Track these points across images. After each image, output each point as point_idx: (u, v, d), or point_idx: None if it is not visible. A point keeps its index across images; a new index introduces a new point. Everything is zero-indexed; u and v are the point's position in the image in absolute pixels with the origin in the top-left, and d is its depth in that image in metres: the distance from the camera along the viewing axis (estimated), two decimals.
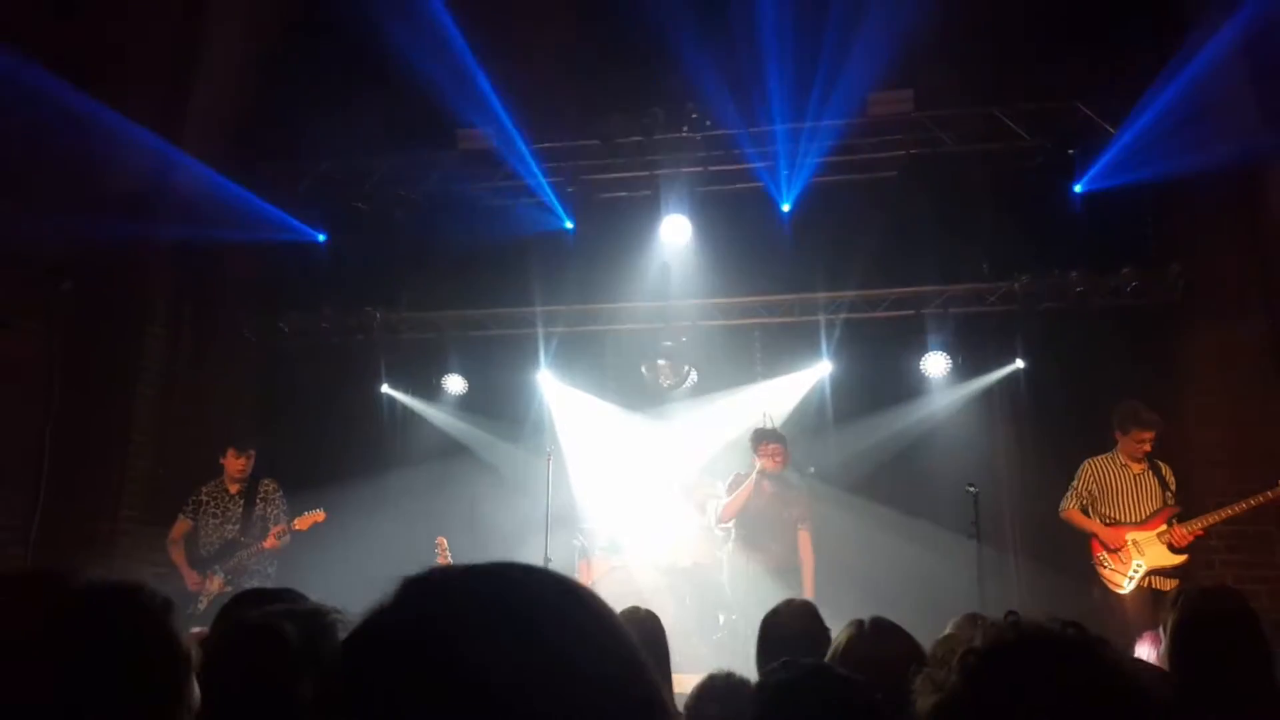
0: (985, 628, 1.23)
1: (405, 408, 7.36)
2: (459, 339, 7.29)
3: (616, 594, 5.93)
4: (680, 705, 2.45)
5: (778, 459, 5.72)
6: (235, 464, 5.75)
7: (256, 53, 7.44)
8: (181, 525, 5.82)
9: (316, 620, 1.68)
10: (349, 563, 6.53)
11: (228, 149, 7.24)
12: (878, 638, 1.93)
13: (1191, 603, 2.17)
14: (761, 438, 5.82)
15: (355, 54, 6.84)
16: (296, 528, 5.56)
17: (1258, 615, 2.14)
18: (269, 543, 5.52)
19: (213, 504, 5.77)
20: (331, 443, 7.02)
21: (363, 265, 7.29)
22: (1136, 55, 6.01)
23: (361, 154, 7.30)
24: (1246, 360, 6.29)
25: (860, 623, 2.03)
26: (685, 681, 2.89)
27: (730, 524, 5.89)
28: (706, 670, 2.97)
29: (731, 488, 5.88)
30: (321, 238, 7.45)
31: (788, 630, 2.58)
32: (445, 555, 5.36)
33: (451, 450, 7.12)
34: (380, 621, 0.65)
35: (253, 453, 5.82)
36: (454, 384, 7.19)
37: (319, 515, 5.61)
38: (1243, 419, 6.21)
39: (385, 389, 7.37)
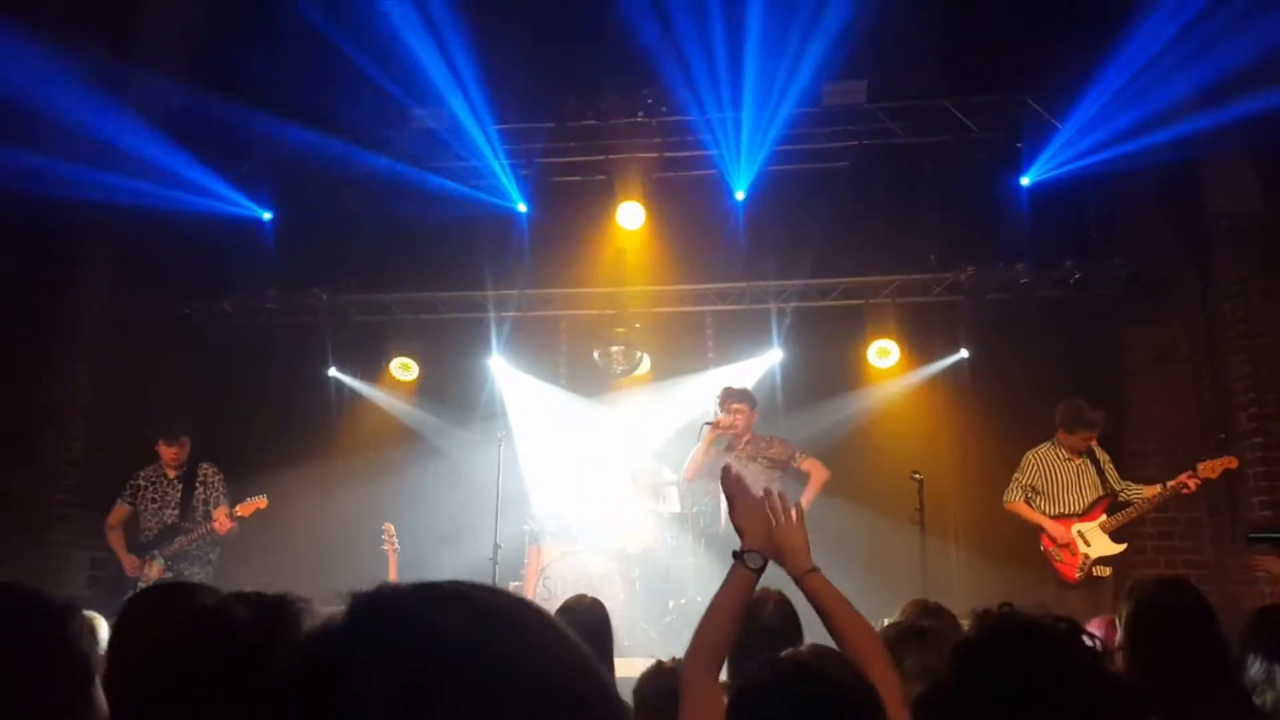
0: (977, 618, 1.25)
1: (353, 392, 7.24)
2: (409, 322, 7.18)
3: (567, 579, 5.94)
4: (628, 690, 2.45)
5: (739, 418, 5.62)
6: (168, 453, 5.62)
7: (203, 24, 7.19)
8: (119, 511, 5.69)
9: (270, 604, 1.58)
10: (295, 551, 6.45)
11: (171, 120, 7.02)
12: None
13: (1146, 595, 2.19)
14: (727, 396, 5.72)
15: (307, 29, 6.66)
16: (239, 514, 5.44)
17: (1212, 608, 2.15)
18: (218, 525, 5.38)
19: (151, 489, 5.63)
20: (277, 427, 6.89)
21: (309, 245, 7.13)
22: (1082, 50, 6.12)
23: (310, 131, 7.12)
24: (1184, 350, 6.50)
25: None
26: (634, 665, 2.91)
27: (669, 508, 5.82)
28: (654, 654, 2.98)
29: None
30: (267, 215, 7.27)
31: (766, 625, 2.57)
32: (392, 542, 5.30)
33: (401, 435, 7.04)
34: (326, 643, 0.63)
35: (185, 440, 5.67)
36: (403, 368, 7.08)
37: (261, 502, 5.49)
38: (1180, 408, 6.42)
39: (333, 372, 7.24)
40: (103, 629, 2.86)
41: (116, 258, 6.89)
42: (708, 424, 5.61)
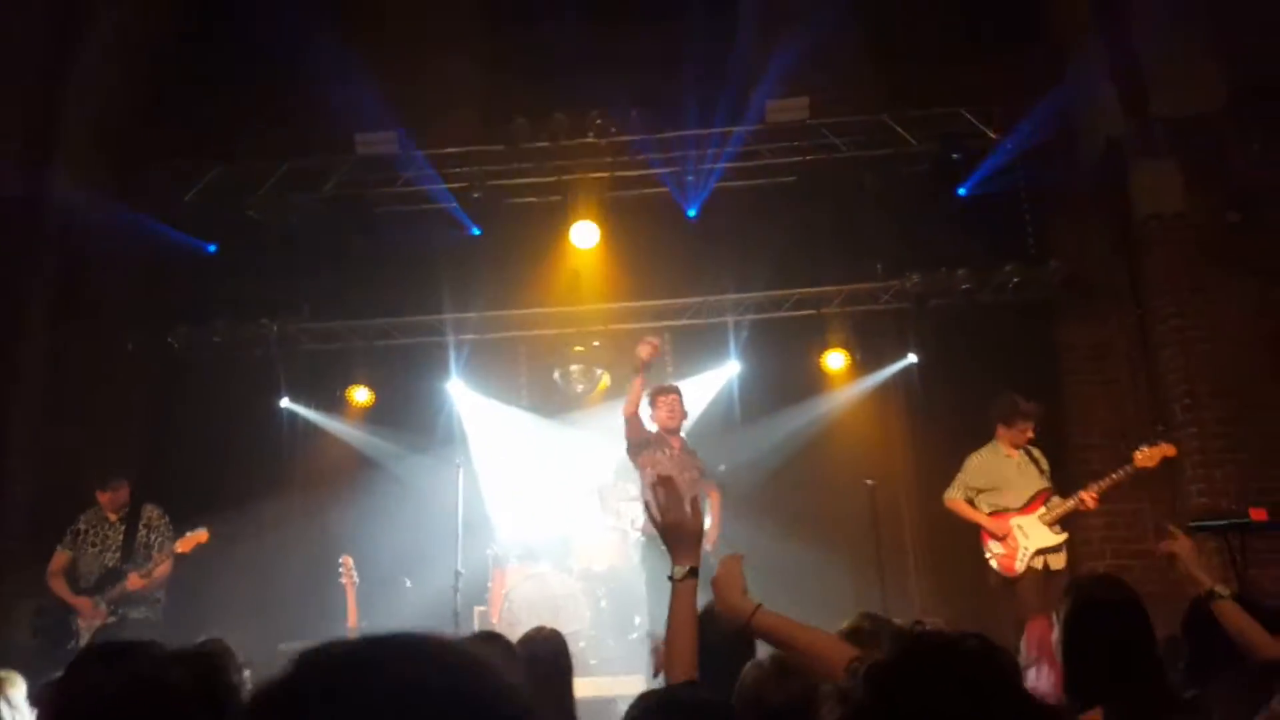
0: (889, 638, 1.27)
1: (308, 422, 7.12)
2: (364, 349, 7.11)
3: (532, 602, 5.93)
4: (601, 709, 2.47)
5: (675, 410, 5.55)
6: (104, 499, 5.47)
7: (139, 58, 7.06)
8: (60, 557, 5.47)
9: (205, 662, 1.59)
10: (251, 588, 6.32)
11: (108, 157, 6.86)
12: (781, 678, 1.97)
13: (1082, 592, 2.27)
14: (659, 390, 5.63)
15: (246, 57, 6.59)
16: (179, 551, 5.29)
17: (1143, 603, 2.23)
18: (160, 571, 5.25)
19: (92, 533, 5.45)
20: (229, 462, 6.72)
21: (258, 275, 7.00)
22: (1015, 64, 6.37)
23: (253, 160, 7.03)
24: (1120, 347, 6.76)
25: (761, 663, 2.07)
26: (602, 685, 2.92)
27: (634, 525, 5.80)
28: (622, 672, 3.01)
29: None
30: (212, 248, 7.13)
31: (722, 631, 2.61)
32: (350, 575, 5.22)
33: (358, 465, 6.95)
34: (272, 698, 0.66)
35: (123, 484, 5.52)
36: (359, 396, 7.00)
37: (201, 535, 5.33)
38: (1118, 403, 6.68)
39: (285, 403, 7.13)
40: (19, 688, 2.79)
41: (55, 298, 6.71)
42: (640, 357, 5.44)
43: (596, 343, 6.88)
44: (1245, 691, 2.23)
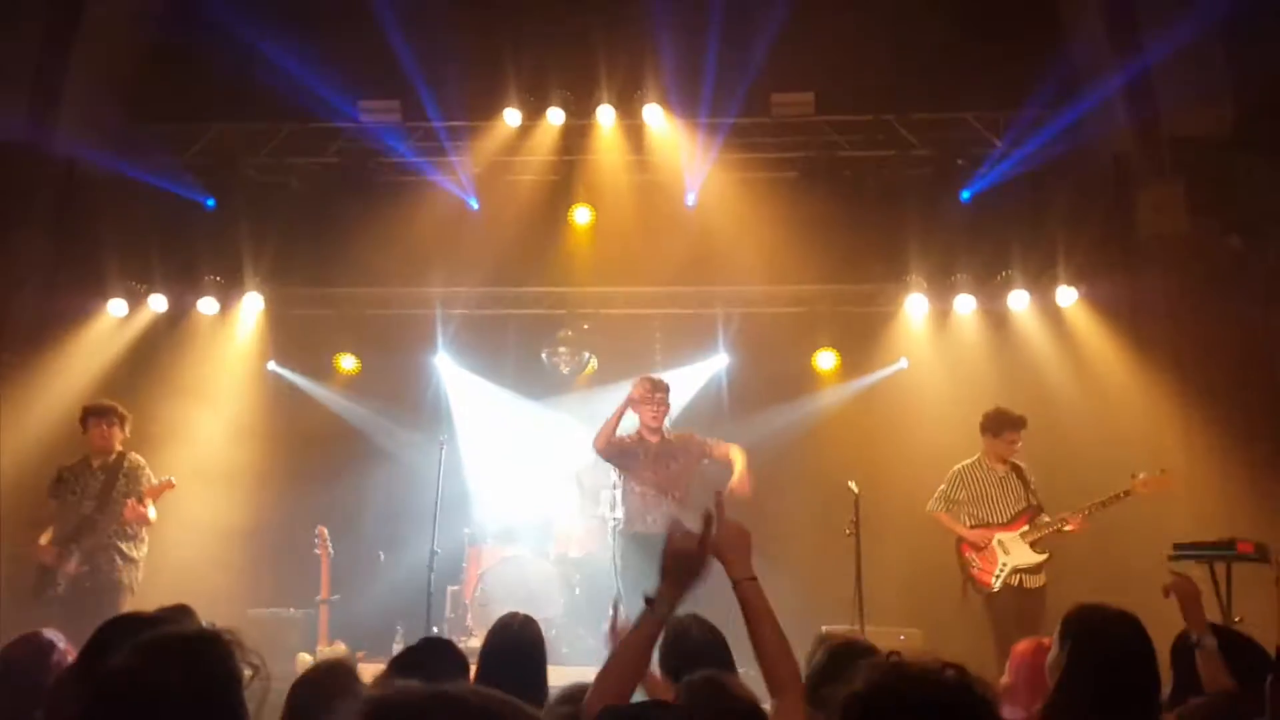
0: (867, 668, 1.25)
1: (294, 386, 7.07)
2: (354, 317, 7.06)
3: (506, 584, 5.90)
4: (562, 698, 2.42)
5: (664, 411, 5.42)
6: (94, 434, 5.32)
7: (148, 9, 6.99)
8: (47, 507, 5.41)
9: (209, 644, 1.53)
10: (224, 549, 6.28)
11: (114, 108, 6.80)
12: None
13: (1094, 625, 2.22)
14: (657, 388, 5.45)
15: (256, 13, 6.50)
16: (147, 497, 5.17)
17: (1152, 644, 2.22)
18: (128, 512, 5.14)
19: (73, 480, 5.32)
20: (211, 422, 6.69)
21: (252, 236, 6.94)
22: (1025, 73, 6.29)
23: (256, 121, 6.96)
24: (1118, 363, 6.69)
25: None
26: (572, 674, 2.88)
27: (613, 512, 5.74)
28: (593, 662, 2.96)
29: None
30: (210, 203, 7.06)
31: (698, 641, 2.59)
32: (325, 546, 5.19)
33: (343, 433, 6.92)
34: None
35: (114, 420, 5.35)
36: (346, 363, 6.95)
37: (169, 484, 5.25)
38: (1116, 422, 6.58)
39: (272, 366, 7.07)
40: None
41: (48, 249, 6.66)
42: (630, 399, 5.39)
43: (586, 325, 6.82)
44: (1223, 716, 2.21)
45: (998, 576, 5.24)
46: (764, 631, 1.85)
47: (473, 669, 2.65)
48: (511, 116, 6.70)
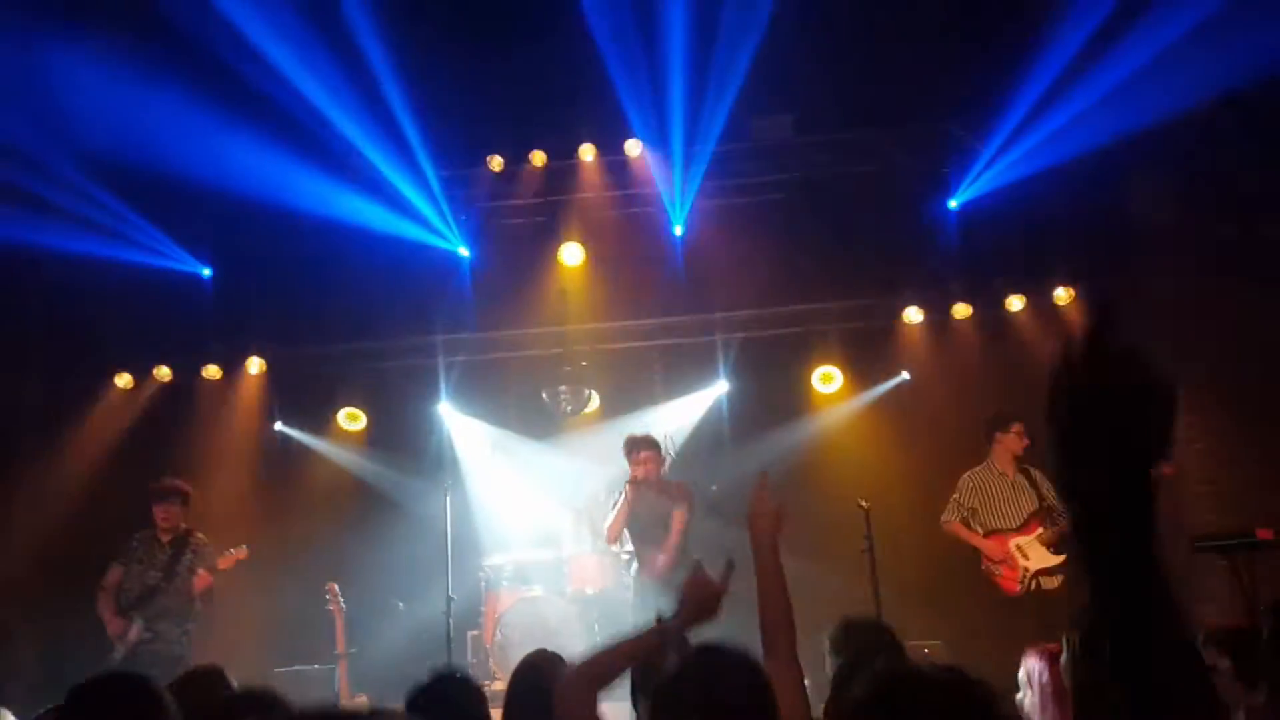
0: (865, 674, 1.27)
1: (301, 445, 7.12)
2: (355, 372, 7.11)
3: (525, 626, 5.86)
4: None
5: (650, 465, 5.50)
6: (159, 512, 5.47)
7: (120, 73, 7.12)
8: (114, 572, 5.47)
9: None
10: (246, 612, 6.31)
11: (108, 171, 6.92)
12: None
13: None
14: (634, 446, 5.57)
15: (236, 77, 6.61)
16: (221, 567, 5.36)
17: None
18: (199, 580, 5.29)
19: (141, 549, 5.47)
20: (224, 486, 6.74)
21: (251, 297, 7.03)
22: (1001, 75, 6.31)
23: (248, 184, 7.05)
24: None
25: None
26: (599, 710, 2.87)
27: (625, 547, 5.79)
28: (620, 697, 2.94)
29: (615, 505, 5.69)
30: (206, 272, 7.17)
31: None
32: (338, 601, 5.20)
33: (351, 488, 6.94)
34: None
35: (176, 499, 5.50)
36: (351, 418, 7.00)
37: (242, 553, 5.38)
38: None
39: (279, 426, 7.13)
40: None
41: (51, 318, 6.77)
42: (629, 484, 5.52)
43: (585, 363, 6.84)
44: None
45: (1021, 582, 5.20)
46: (773, 591, 2.05)
47: (496, 715, 2.65)
48: (495, 162, 6.78)
